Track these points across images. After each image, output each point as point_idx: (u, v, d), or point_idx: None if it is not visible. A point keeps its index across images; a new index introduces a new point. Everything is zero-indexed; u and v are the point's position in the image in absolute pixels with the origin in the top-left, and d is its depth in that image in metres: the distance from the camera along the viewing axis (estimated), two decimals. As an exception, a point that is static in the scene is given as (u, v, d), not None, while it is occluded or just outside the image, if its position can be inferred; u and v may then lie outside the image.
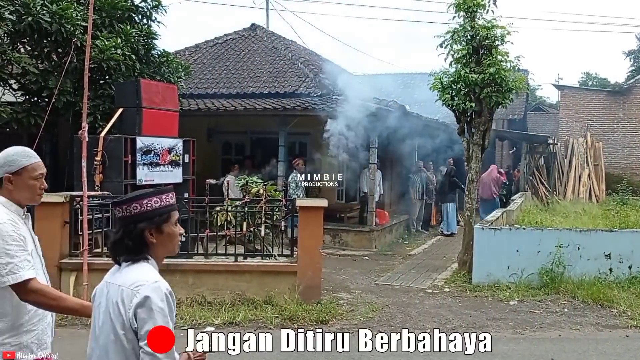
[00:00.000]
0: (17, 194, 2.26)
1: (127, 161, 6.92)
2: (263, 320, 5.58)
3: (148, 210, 1.85)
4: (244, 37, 14.55)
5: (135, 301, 1.75)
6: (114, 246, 1.89)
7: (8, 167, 2.23)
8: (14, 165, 2.24)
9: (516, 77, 7.65)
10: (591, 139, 18.97)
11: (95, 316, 1.88)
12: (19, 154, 2.26)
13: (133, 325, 1.76)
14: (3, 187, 2.25)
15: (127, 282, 1.81)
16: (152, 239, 1.87)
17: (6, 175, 2.23)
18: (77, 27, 7.45)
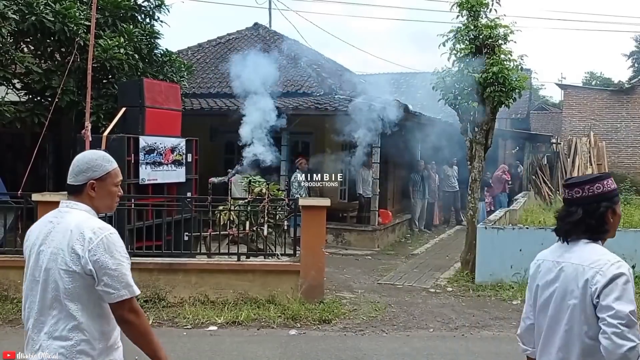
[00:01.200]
0: (98, 201, 2.11)
1: (130, 160, 6.92)
2: (266, 320, 5.59)
3: (609, 190, 1.96)
4: (246, 37, 14.57)
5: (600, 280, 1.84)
6: (573, 226, 1.96)
7: (92, 172, 2.08)
8: (99, 170, 2.09)
9: (519, 76, 7.63)
10: (594, 139, 18.91)
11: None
12: (102, 158, 2.12)
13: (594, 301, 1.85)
14: (84, 194, 2.08)
15: (586, 261, 1.91)
16: (611, 218, 1.98)
17: (91, 181, 2.08)
18: (80, 26, 7.47)
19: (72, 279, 1.96)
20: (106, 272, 1.94)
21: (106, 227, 2.01)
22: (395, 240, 11.43)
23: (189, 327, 5.40)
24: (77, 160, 2.10)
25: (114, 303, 1.96)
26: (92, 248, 1.94)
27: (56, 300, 1.98)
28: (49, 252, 2.00)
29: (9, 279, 6.06)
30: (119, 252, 1.99)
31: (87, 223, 1.99)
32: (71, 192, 2.11)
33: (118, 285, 1.95)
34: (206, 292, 6.04)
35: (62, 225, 2.02)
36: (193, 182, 8.05)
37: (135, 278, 6.50)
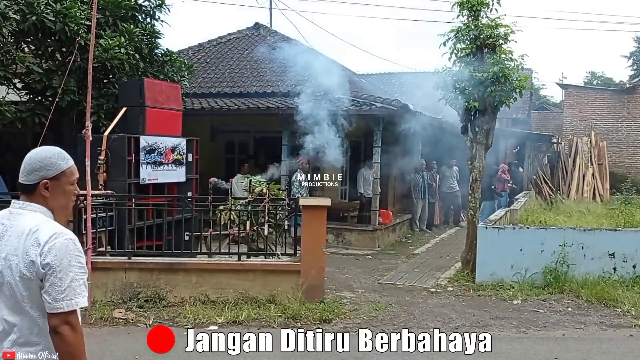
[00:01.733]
0: (52, 202, 1.97)
1: (130, 160, 6.93)
2: (266, 319, 5.59)
3: None
4: (247, 37, 14.57)
5: None
6: None
7: (45, 171, 1.94)
8: (52, 169, 1.95)
9: (520, 76, 7.62)
10: (595, 138, 18.90)
11: None
12: (56, 155, 1.98)
13: None
14: (37, 193, 1.94)
15: None
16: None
17: (44, 181, 1.94)
18: (81, 26, 7.47)
19: (27, 286, 1.84)
20: (51, 278, 1.81)
21: (63, 231, 1.88)
22: (396, 240, 11.43)
23: (189, 326, 5.39)
24: (30, 158, 1.96)
25: (50, 313, 1.81)
26: (44, 252, 1.82)
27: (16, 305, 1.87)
28: (2, 257, 1.88)
29: (10, 279, 6.05)
30: (69, 260, 1.83)
31: (43, 227, 1.87)
32: (24, 192, 1.96)
33: (57, 296, 1.80)
34: (207, 291, 6.04)
35: (15, 228, 1.89)
36: (194, 182, 8.06)
37: (136, 277, 6.47)
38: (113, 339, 5.08)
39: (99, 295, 5.93)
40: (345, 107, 9.95)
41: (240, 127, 11.84)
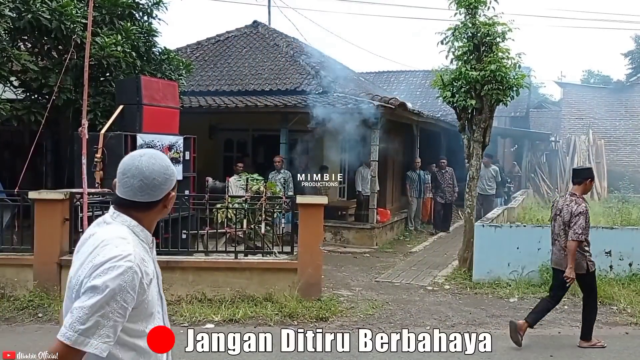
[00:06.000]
0: (163, 214, 1.76)
1: (127, 158, 6.91)
2: (263, 317, 5.59)
3: None
4: (245, 34, 14.54)
5: None
6: None
7: (170, 181, 1.71)
8: (173, 175, 1.72)
9: (517, 74, 7.62)
10: (593, 137, 18.93)
11: None
12: (166, 159, 1.73)
13: None
14: (154, 210, 1.72)
15: None
16: None
17: (170, 194, 1.71)
18: (77, 24, 7.45)
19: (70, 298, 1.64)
20: (85, 301, 1.53)
21: (129, 258, 1.58)
22: (394, 238, 11.44)
23: (186, 324, 5.39)
24: (150, 173, 1.66)
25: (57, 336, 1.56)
26: (94, 274, 1.56)
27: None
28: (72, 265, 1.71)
29: (6, 277, 6.05)
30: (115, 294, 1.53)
31: (111, 245, 1.60)
32: (131, 208, 1.69)
33: (76, 324, 1.52)
34: (203, 290, 6.04)
35: (95, 237, 1.67)
36: (191, 180, 8.04)
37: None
38: (109, 337, 5.08)
39: (96, 294, 5.93)
40: (343, 106, 9.95)
41: (238, 125, 11.83)
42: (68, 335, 1.52)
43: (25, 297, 5.86)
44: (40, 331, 5.21)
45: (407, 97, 19.42)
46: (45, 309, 5.66)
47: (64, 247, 6.10)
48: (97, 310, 1.52)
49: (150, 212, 1.71)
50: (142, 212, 1.70)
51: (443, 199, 12.07)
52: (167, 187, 1.70)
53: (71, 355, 1.54)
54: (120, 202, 1.70)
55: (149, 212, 1.71)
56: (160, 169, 1.68)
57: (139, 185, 1.66)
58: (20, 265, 6.06)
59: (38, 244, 6.00)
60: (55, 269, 5.97)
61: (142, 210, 1.70)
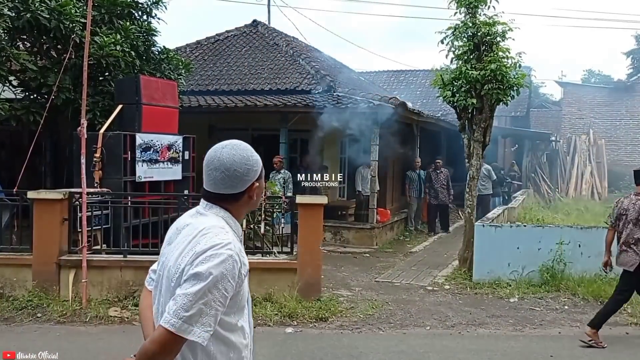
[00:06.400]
0: (251, 204, 1.75)
1: (126, 158, 6.90)
2: (262, 318, 5.57)
3: None
4: (245, 34, 14.52)
5: None
6: None
7: (254, 173, 1.69)
8: (257, 166, 1.70)
9: (517, 73, 7.60)
10: (594, 136, 18.91)
11: None
12: (250, 150, 1.71)
13: None
14: (240, 201, 1.70)
15: None
16: None
17: (254, 184, 1.70)
18: (76, 23, 7.43)
19: (168, 288, 1.63)
20: (188, 288, 1.52)
21: (230, 246, 1.58)
22: (394, 238, 11.42)
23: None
24: (232, 164, 1.65)
25: (160, 323, 1.54)
26: (196, 262, 1.55)
27: (161, 313, 1.65)
28: (167, 255, 1.70)
29: (5, 277, 6.04)
30: (217, 281, 1.52)
31: (211, 233, 1.60)
32: (220, 200, 1.69)
33: (179, 311, 1.50)
34: (202, 290, 6.01)
35: (191, 227, 1.67)
36: (190, 180, 8.03)
37: (131, 276, 6.45)
38: (108, 337, 5.06)
39: (95, 294, 5.92)
40: (343, 105, 9.94)
41: (238, 125, 11.81)
42: (172, 322, 1.50)
43: (24, 297, 5.84)
44: (39, 331, 5.20)
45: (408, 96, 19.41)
46: (44, 309, 5.65)
47: (63, 247, 6.08)
48: (201, 298, 1.51)
49: (236, 204, 1.70)
50: (229, 203, 1.70)
51: (436, 200, 11.84)
52: (249, 178, 1.68)
53: (174, 343, 1.52)
54: (207, 194, 1.71)
55: (235, 204, 1.70)
56: (242, 159, 1.66)
57: (221, 177, 1.66)
58: (19, 265, 6.04)
59: (37, 244, 5.98)
60: (54, 269, 5.96)
61: (229, 202, 1.69)
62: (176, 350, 1.54)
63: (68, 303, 5.75)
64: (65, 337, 5.06)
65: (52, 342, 4.83)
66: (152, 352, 1.52)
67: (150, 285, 1.83)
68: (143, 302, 1.83)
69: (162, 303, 1.66)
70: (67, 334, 5.16)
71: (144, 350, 1.54)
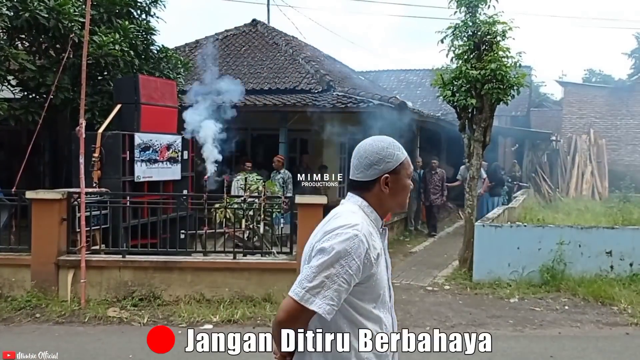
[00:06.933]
0: (391, 199, 1.76)
1: (125, 158, 6.89)
2: (262, 318, 5.55)
3: None
4: (244, 33, 14.49)
5: None
6: None
7: (385, 164, 1.73)
8: (392, 160, 1.74)
9: (518, 73, 7.58)
10: (594, 136, 18.88)
11: None
12: (392, 145, 1.76)
13: None
14: (373, 191, 1.74)
15: None
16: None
17: (384, 175, 1.73)
18: (75, 22, 7.42)
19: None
20: (312, 261, 1.62)
21: (358, 227, 1.63)
22: (394, 238, 11.38)
23: (184, 325, 5.36)
24: (364, 151, 1.75)
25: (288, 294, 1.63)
26: (323, 238, 1.64)
27: None
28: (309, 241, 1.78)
29: (3, 277, 6.02)
30: (340, 257, 1.58)
31: (342, 216, 1.68)
32: (357, 188, 1.77)
33: (304, 282, 1.59)
34: (202, 290, 6.01)
35: (328, 215, 1.77)
36: (189, 180, 8.01)
37: (130, 276, 6.42)
38: (107, 337, 5.04)
39: (93, 294, 5.90)
40: (342, 105, 9.92)
41: (237, 125, 11.78)
42: (296, 291, 1.60)
43: (22, 297, 5.83)
44: (37, 331, 5.18)
45: (408, 96, 19.39)
46: (43, 310, 5.63)
47: (62, 247, 6.06)
48: (323, 270, 1.58)
49: (369, 193, 1.76)
50: (362, 191, 1.77)
51: (428, 201, 11.67)
52: (380, 168, 1.73)
53: (300, 313, 1.60)
54: (349, 183, 1.83)
55: (368, 193, 1.76)
56: (376, 149, 1.74)
57: (355, 164, 1.77)
58: (18, 266, 6.03)
59: (35, 244, 5.96)
60: (53, 269, 5.94)
61: (362, 190, 1.77)
62: (301, 320, 1.62)
63: (67, 303, 5.74)
64: (64, 338, 5.04)
65: (51, 343, 4.81)
66: (279, 319, 1.63)
67: None
68: None
69: None
70: (65, 334, 5.14)
71: (275, 318, 1.66)
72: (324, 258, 1.59)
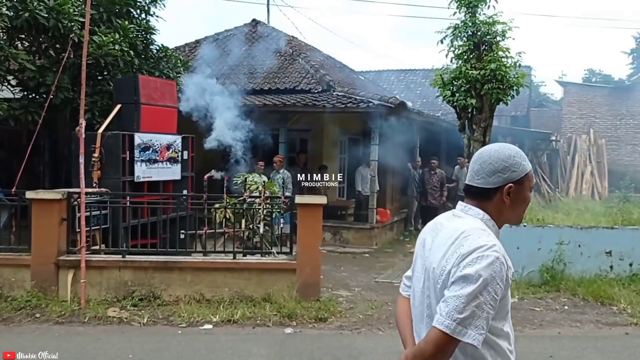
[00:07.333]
0: (509, 210, 1.70)
1: (125, 158, 6.88)
2: (261, 318, 5.55)
3: None
4: (244, 33, 14.49)
5: None
6: None
7: (510, 172, 1.66)
8: (518, 170, 1.67)
9: (517, 73, 7.59)
10: (594, 136, 18.89)
11: None
12: (519, 154, 1.69)
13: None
14: (494, 200, 1.67)
15: None
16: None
17: (508, 184, 1.66)
18: (75, 22, 7.41)
19: (434, 291, 1.64)
20: (458, 290, 1.52)
21: (496, 248, 1.56)
22: (394, 238, 11.40)
23: (184, 325, 5.36)
24: (489, 157, 1.68)
25: (434, 325, 1.55)
26: (463, 264, 1.54)
27: (427, 316, 1.67)
28: (427, 258, 1.72)
29: (3, 277, 6.02)
30: (487, 284, 1.51)
31: (474, 235, 1.59)
32: (474, 196, 1.71)
33: (453, 313, 1.51)
34: (201, 290, 6.01)
35: (448, 230, 1.68)
36: (189, 180, 8.01)
37: (130, 276, 6.41)
38: (107, 337, 5.05)
39: (93, 294, 5.90)
40: (342, 104, 9.92)
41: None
42: (447, 323, 1.51)
43: (22, 297, 5.83)
44: (37, 331, 5.18)
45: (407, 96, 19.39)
46: (43, 309, 5.63)
47: (62, 247, 6.06)
48: (472, 300, 1.51)
49: (490, 203, 1.69)
50: (483, 201, 1.70)
51: (426, 201, 11.64)
52: (504, 176, 1.66)
53: (449, 345, 1.53)
54: (465, 189, 1.76)
55: (489, 203, 1.69)
56: (502, 156, 1.67)
57: (477, 169, 1.70)
58: (18, 266, 6.03)
59: (35, 244, 5.96)
60: (53, 269, 5.94)
61: (482, 199, 1.70)
62: (450, 351, 1.56)
63: (67, 303, 5.74)
64: (64, 338, 5.04)
65: (51, 342, 4.81)
66: (429, 353, 1.54)
67: (406, 291, 1.93)
68: (399, 309, 1.92)
69: (421, 304, 1.71)
70: (65, 334, 5.14)
71: (420, 350, 1.57)
72: (472, 287, 1.51)
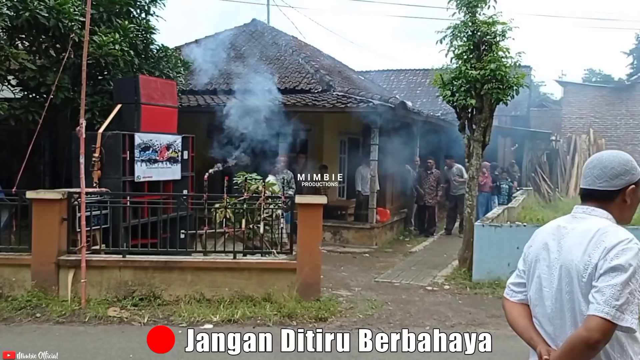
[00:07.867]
0: (626, 210, 1.86)
1: (125, 158, 6.89)
2: (262, 318, 5.56)
3: None
4: (244, 33, 14.49)
5: None
6: None
7: (631, 175, 1.82)
8: (637, 172, 1.84)
9: (517, 73, 7.58)
10: (594, 136, 18.89)
11: None
12: (632, 159, 1.87)
13: None
14: (615, 201, 1.83)
15: None
16: None
17: (631, 186, 1.82)
18: (75, 22, 7.41)
19: (580, 288, 1.74)
20: (611, 280, 1.66)
21: (636, 245, 1.70)
22: (394, 237, 11.40)
23: (184, 325, 5.36)
24: (609, 162, 1.83)
25: (591, 314, 1.67)
26: (610, 256, 1.68)
27: (569, 310, 1.78)
28: (558, 260, 1.81)
29: (4, 277, 6.02)
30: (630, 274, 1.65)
31: (612, 230, 1.74)
32: (596, 198, 1.84)
33: (611, 300, 1.64)
34: (202, 290, 6.01)
35: (578, 230, 1.80)
36: (189, 180, 8.01)
37: (130, 276, 6.42)
38: (107, 337, 5.05)
39: (94, 294, 5.91)
40: (342, 104, 9.92)
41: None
42: (606, 310, 1.64)
43: (23, 297, 5.83)
44: (38, 331, 5.18)
45: (407, 96, 19.39)
46: (43, 309, 5.63)
47: (62, 246, 6.06)
48: (626, 287, 1.65)
49: (612, 204, 1.83)
50: (605, 202, 1.84)
51: (422, 201, 11.58)
52: (626, 179, 1.82)
53: (611, 330, 1.66)
54: (584, 193, 1.88)
55: (611, 204, 1.83)
56: (622, 160, 1.83)
57: (598, 174, 1.84)
58: (18, 265, 6.03)
59: (36, 244, 5.97)
60: (53, 269, 5.94)
61: (604, 201, 1.84)
62: (610, 337, 1.68)
63: (67, 303, 5.74)
64: (64, 337, 5.04)
65: (51, 342, 4.82)
66: (594, 339, 1.65)
67: (512, 297, 2.05)
68: (513, 313, 2.03)
69: (557, 301, 1.81)
70: (66, 334, 5.14)
71: (581, 338, 1.68)
72: (625, 275, 1.65)
